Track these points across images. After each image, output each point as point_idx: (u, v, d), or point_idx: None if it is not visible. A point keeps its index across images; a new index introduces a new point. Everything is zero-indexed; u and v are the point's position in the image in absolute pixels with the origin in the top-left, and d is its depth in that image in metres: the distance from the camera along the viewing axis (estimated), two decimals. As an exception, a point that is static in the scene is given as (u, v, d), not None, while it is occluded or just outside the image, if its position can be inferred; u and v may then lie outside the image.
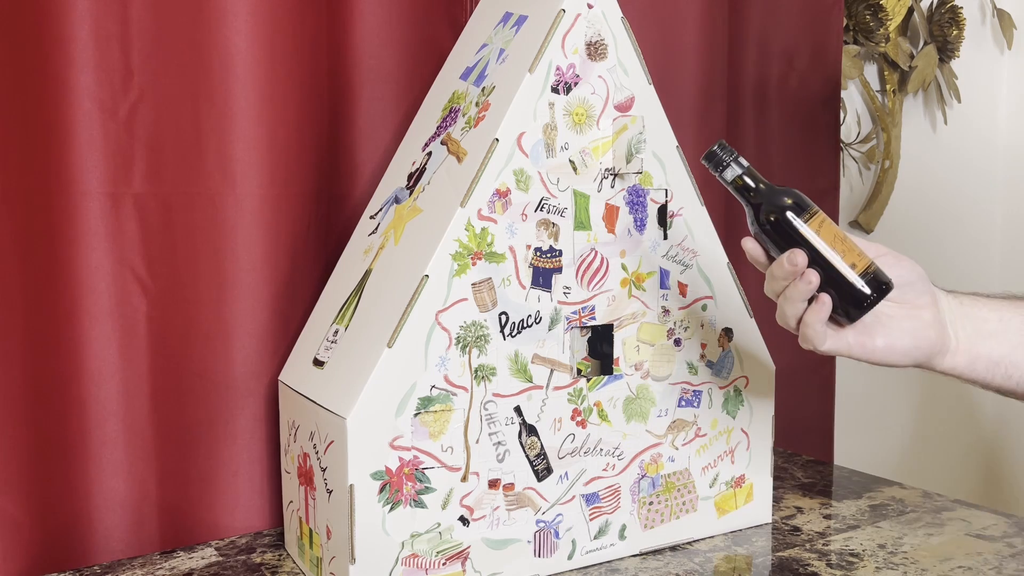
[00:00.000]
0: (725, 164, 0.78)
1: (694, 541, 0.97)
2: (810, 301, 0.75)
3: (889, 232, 1.73)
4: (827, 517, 1.03)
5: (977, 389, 0.83)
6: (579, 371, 0.89)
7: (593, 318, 0.89)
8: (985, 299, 0.82)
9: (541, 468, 0.87)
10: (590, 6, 0.87)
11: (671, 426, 0.94)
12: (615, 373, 0.90)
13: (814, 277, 0.73)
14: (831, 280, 0.74)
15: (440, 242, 0.81)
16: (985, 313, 0.81)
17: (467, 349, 0.83)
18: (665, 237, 0.93)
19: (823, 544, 0.96)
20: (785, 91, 1.39)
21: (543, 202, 0.86)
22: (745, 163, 0.78)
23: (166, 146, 0.93)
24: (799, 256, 0.74)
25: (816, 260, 0.74)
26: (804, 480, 1.16)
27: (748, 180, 0.78)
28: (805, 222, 0.75)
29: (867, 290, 0.74)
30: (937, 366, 0.80)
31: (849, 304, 0.74)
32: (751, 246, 0.78)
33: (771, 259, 0.77)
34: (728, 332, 0.97)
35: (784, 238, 0.75)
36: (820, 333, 0.75)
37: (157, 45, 0.92)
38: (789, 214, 0.75)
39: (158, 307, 0.94)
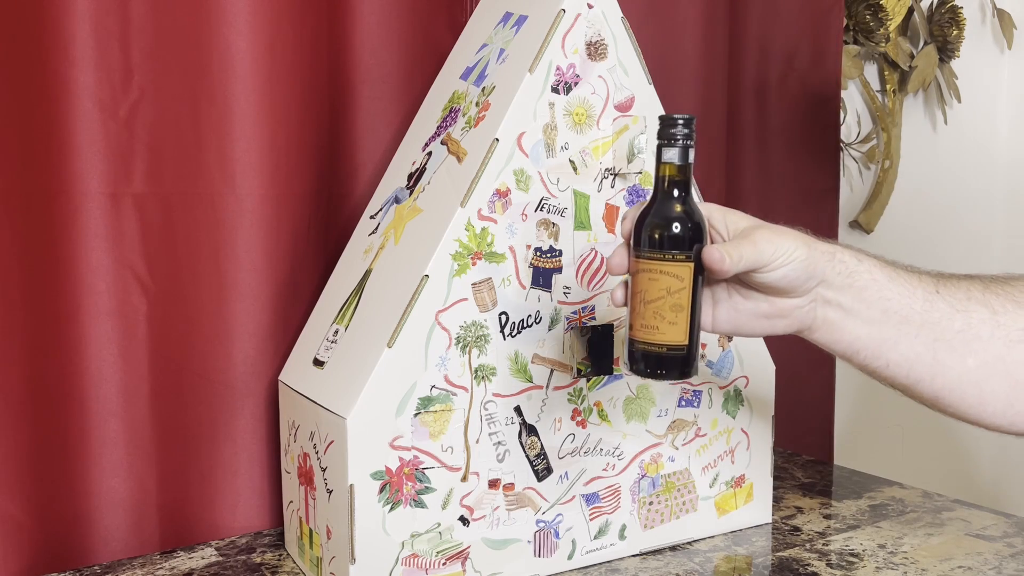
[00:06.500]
0: (675, 142, 0.67)
1: (694, 541, 0.97)
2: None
3: (889, 232, 1.73)
4: (827, 517, 1.03)
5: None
6: (579, 371, 0.89)
7: (593, 318, 0.89)
8: (906, 274, 0.72)
9: (541, 468, 0.87)
10: (590, 6, 0.87)
11: (671, 426, 0.94)
12: (615, 373, 0.90)
13: (618, 297, 0.70)
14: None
15: (440, 242, 0.81)
16: (888, 294, 0.71)
17: (467, 349, 0.83)
18: (665, 237, 0.93)
19: (823, 544, 0.96)
20: (785, 91, 1.39)
21: (543, 202, 0.86)
22: (691, 158, 0.67)
23: (166, 146, 0.93)
24: (618, 293, 0.70)
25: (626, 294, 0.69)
26: (804, 480, 1.16)
27: (679, 176, 0.67)
28: (652, 258, 0.66)
29: (625, 357, 0.69)
30: (804, 336, 0.74)
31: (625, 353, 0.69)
32: (628, 226, 0.69)
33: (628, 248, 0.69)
34: (728, 332, 0.97)
35: (634, 249, 0.68)
36: None
37: (157, 45, 0.92)
38: (658, 236, 0.66)
39: (158, 307, 0.94)
